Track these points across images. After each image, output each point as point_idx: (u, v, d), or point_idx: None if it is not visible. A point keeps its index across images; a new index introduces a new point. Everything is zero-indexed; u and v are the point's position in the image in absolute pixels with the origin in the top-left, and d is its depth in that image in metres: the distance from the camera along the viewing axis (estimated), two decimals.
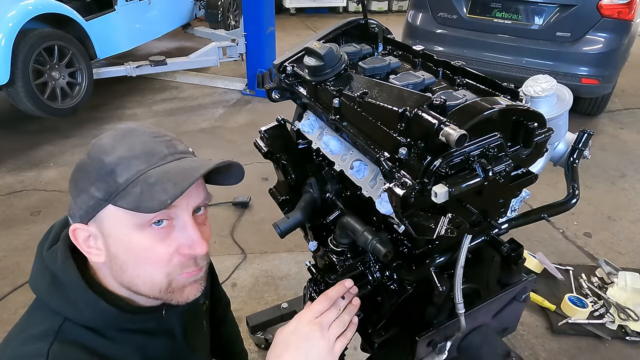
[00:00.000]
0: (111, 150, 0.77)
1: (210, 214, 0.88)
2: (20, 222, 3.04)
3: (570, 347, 2.23)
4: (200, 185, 0.83)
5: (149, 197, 0.72)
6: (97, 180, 0.75)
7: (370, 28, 1.28)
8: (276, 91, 1.21)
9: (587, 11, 3.87)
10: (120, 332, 0.84)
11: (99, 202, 0.76)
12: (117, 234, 0.77)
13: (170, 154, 0.79)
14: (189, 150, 0.85)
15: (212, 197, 0.87)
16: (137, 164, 0.75)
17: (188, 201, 0.79)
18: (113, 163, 0.75)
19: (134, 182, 0.74)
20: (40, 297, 0.84)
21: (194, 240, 0.79)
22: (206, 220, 0.87)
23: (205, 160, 0.81)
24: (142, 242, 0.77)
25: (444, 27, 4.37)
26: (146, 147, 0.78)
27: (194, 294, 0.85)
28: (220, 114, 4.74)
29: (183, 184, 0.73)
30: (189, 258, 0.80)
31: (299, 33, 7.74)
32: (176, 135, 0.86)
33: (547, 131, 0.85)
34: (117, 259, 0.79)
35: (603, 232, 3.08)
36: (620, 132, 4.49)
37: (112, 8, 4.60)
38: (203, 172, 0.75)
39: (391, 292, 1.06)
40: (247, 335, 2.16)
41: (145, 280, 0.80)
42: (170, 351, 0.93)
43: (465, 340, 1.05)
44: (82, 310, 0.79)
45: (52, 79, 3.92)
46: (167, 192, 0.72)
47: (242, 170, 0.86)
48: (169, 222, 0.78)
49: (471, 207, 0.82)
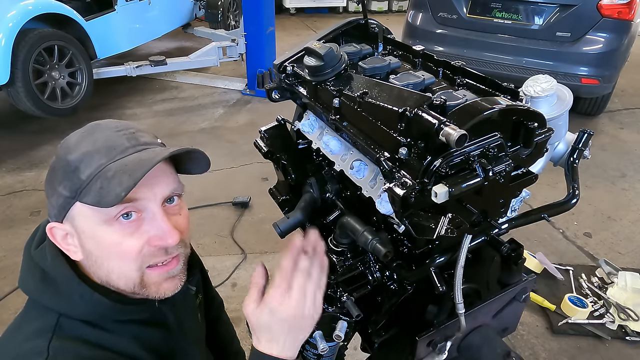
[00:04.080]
0: (75, 148, 0.77)
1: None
2: (20, 222, 3.04)
3: (570, 347, 2.23)
4: (169, 175, 0.83)
5: (107, 192, 0.72)
6: (64, 178, 0.76)
7: (370, 28, 1.28)
8: (276, 91, 1.21)
9: (587, 11, 3.87)
10: (116, 324, 0.84)
11: (67, 200, 0.76)
12: (88, 230, 0.78)
13: (132, 146, 0.79)
14: (155, 141, 0.84)
15: (184, 186, 0.86)
16: (98, 158, 0.76)
17: (154, 192, 0.79)
18: (77, 160, 0.76)
19: (95, 177, 0.74)
20: (32, 295, 0.84)
21: (164, 230, 0.79)
22: (181, 211, 0.86)
23: (164, 149, 0.80)
24: (111, 237, 0.77)
25: (444, 27, 4.37)
26: (107, 141, 0.78)
27: (172, 290, 0.84)
28: (220, 114, 4.74)
29: (136, 174, 0.72)
30: (159, 248, 0.80)
31: (299, 33, 7.74)
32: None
33: (547, 131, 0.85)
34: (92, 255, 0.79)
35: (603, 232, 3.08)
36: (620, 132, 4.49)
37: (112, 8, 4.60)
38: (157, 160, 0.75)
39: (391, 292, 1.06)
40: (247, 335, 2.17)
41: (119, 275, 0.80)
42: (166, 342, 0.93)
43: (465, 340, 1.05)
44: (76, 304, 0.79)
45: (52, 79, 3.92)
46: (122, 184, 0.72)
47: (206, 156, 0.86)
48: (137, 215, 0.78)
49: (471, 207, 0.82)
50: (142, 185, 0.74)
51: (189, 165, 0.87)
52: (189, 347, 0.99)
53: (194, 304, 1.08)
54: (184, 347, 0.97)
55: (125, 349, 0.83)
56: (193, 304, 1.07)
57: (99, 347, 0.80)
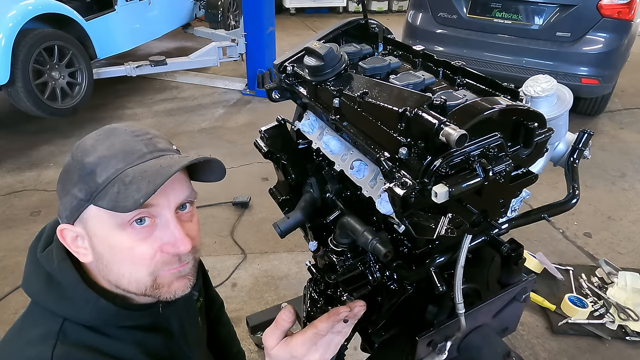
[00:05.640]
0: (92, 151, 0.77)
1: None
2: (20, 222, 3.04)
3: (570, 347, 2.23)
4: (183, 182, 0.83)
5: (124, 197, 0.72)
6: (79, 181, 0.76)
7: (371, 28, 1.28)
8: (276, 91, 1.21)
9: (587, 11, 3.87)
10: (119, 330, 0.83)
11: (81, 203, 0.76)
12: (100, 233, 0.77)
13: (149, 152, 0.78)
14: (171, 147, 0.84)
15: (197, 193, 0.86)
16: (115, 163, 0.75)
17: (169, 199, 0.79)
18: (93, 163, 0.75)
19: (112, 181, 0.74)
20: (36, 298, 0.83)
21: (176, 238, 0.79)
22: (192, 217, 0.86)
23: (182, 157, 0.80)
24: (123, 242, 0.76)
25: (444, 27, 4.37)
26: (125, 146, 0.78)
27: (182, 289, 0.84)
28: (220, 114, 4.74)
29: (156, 181, 0.72)
30: (172, 255, 0.80)
31: (299, 33, 7.74)
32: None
33: (547, 131, 0.85)
34: (103, 259, 0.79)
35: (603, 232, 3.08)
36: (620, 132, 4.49)
37: (112, 8, 4.60)
38: (177, 169, 0.75)
39: (391, 292, 1.06)
40: (247, 335, 2.17)
41: (130, 279, 0.79)
42: (169, 347, 0.93)
43: (465, 340, 1.05)
44: (82, 309, 0.79)
45: (52, 79, 3.92)
46: (140, 190, 0.72)
47: (222, 166, 0.86)
48: (151, 221, 0.78)
49: (471, 207, 0.82)
50: (157, 192, 0.73)
51: (204, 172, 0.87)
52: (190, 351, 0.99)
53: (195, 308, 1.08)
54: (185, 351, 0.97)
55: (128, 355, 0.83)
56: (194, 308, 1.07)
57: (102, 353, 0.79)
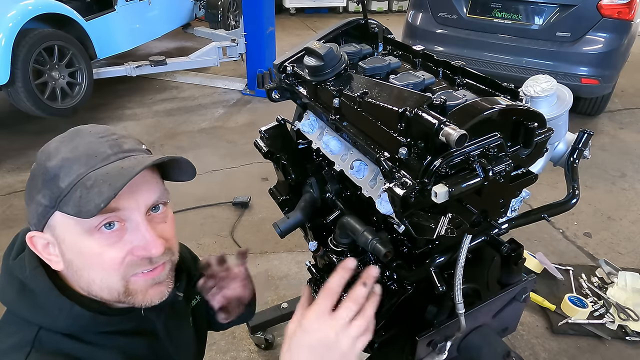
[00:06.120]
0: (55, 154, 0.74)
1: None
2: (20, 222, 3.04)
3: (570, 347, 2.23)
4: (153, 183, 0.79)
5: (86, 201, 0.69)
6: (43, 186, 0.73)
7: (370, 28, 1.28)
8: (276, 91, 1.22)
9: (587, 11, 3.87)
10: (99, 336, 0.81)
11: (47, 209, 0.73)
12: (69, 240, 0.75)
13: (114, 154, 0.75)
14: (139, 147, 0.81)
15: (169, 193, 0.82)
16: (78, 167, 0.72)
17: (138, 201, 0.76)
18: (56, 167, 0.73)
19: (75, 186, 0.71)
20: (10, 307, 0.81)
21: (147, 241, 0.76)
22: (166, 218, 0.83)
23: (146, 157, 0.77)
24: (92, 248, 0.74)
25: (444, 27, 4.37)
26: (88, 148, 0.75)
27: (159, 297, 0.81)
28: (220, 114, 4.74)
29: (117, 184, 0.69)
30: (141, 258, 0.77)
31: (299, 33, 7.74)
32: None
33: (547, 131, 0.85)
34: (73, 265, 0.76)
35: (603, 232, 3.07)
36: (620, 132, 4.49)
37: (112, 8, 4.60)
38: (139, 170, 0.71)
39: (391, 292, 1.06)
40: (247, 335, 2.16)
41: (101, 285, 0.77)
42: (155, 351, 0.90)
43: (465, 340, 1.05)
44: (56, 317, 0.76)
45: (52, 79, 3.92)
46: (102, 194, 0.69)
47: (192, 165, 0.82)
48: (120, 225, 0.75)
49: (471, 207, 0.82)
50: (124, 194, 0.71)
51: (174, 173, 0.84)
52: (177, 355, 0.97)
53: (184, 311, 1.05)
54: (172, 354, 0.95)
55: None
56: (183, 311, 1.05)
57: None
